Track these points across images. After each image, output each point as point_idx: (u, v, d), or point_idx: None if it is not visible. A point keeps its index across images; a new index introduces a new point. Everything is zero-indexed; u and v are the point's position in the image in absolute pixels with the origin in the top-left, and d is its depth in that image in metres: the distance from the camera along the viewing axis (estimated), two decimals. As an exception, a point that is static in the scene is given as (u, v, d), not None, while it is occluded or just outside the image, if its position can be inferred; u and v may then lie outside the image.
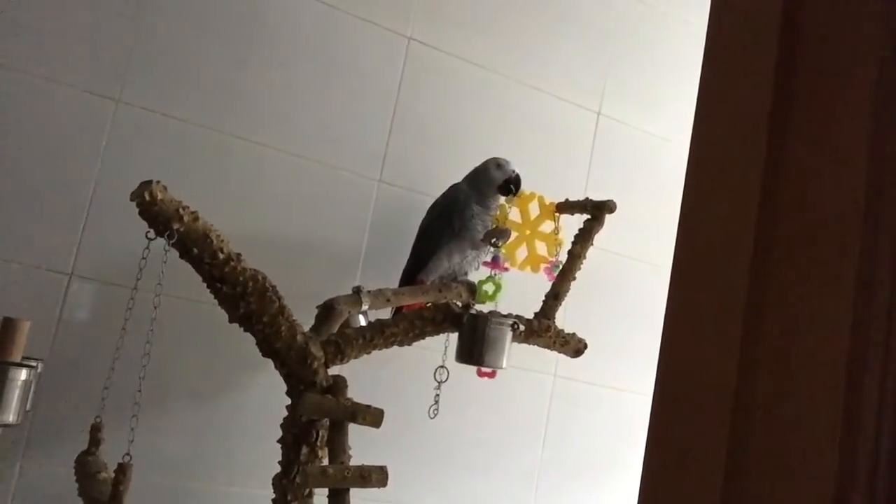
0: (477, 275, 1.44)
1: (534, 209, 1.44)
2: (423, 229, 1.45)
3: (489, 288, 1.38)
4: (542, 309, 1.30)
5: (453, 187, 1.44)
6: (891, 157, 0.38)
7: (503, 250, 1.41)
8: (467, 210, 1.39)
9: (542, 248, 1.45)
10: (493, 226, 1.41)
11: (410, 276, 1.43)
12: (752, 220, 0.41)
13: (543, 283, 1.34)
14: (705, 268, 0.44)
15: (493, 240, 1.39)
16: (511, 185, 1.40)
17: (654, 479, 0.43)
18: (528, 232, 1.43)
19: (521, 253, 1.44)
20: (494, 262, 1.40)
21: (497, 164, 1.41)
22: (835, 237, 0.38)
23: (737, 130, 0.44)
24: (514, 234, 1.42)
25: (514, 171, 1.40)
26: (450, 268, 1.42)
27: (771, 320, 0.40)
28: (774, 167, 0.42)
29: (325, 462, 1.05)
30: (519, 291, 1.40)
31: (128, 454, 0.95)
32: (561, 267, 1.37)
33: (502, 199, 1.43)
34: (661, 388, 0.44)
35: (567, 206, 1.43)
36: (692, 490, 0.40)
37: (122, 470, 0.94)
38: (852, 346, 0.36)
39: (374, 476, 1.01)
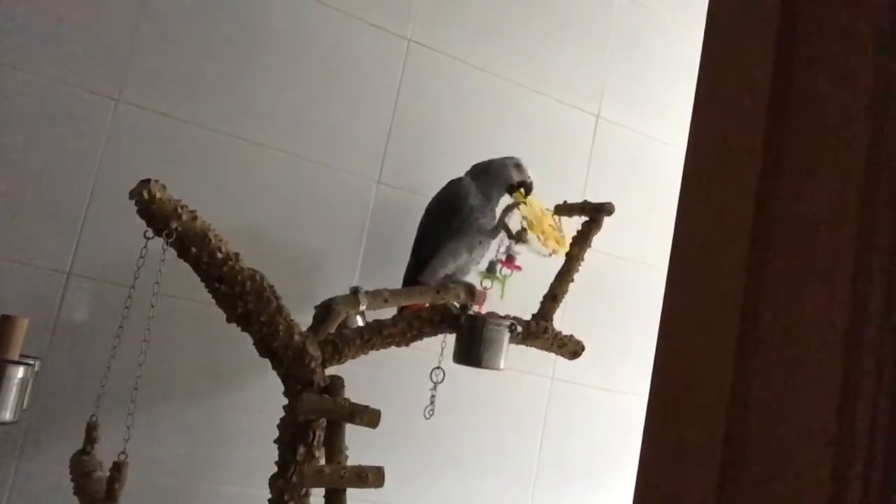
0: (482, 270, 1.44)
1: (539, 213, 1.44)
2: (423, 229, 1.45)
3: (497, 286, 1.38)
4: (540, 311, 1.30)
5: (452, 183, 1.43)
6: (887, 157, 0.38)
7: (518, 248, 1.41)
8: (465, 207, 1.38)
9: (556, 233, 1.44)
10: (493, 218, 1.40)
11: (411, 278, 1.43)
12: (749, 219, 0.41)
13: (542, 285, 1.35)
14: (702, 265, 0.44)
15: (517, 239, 1.40)
16: (523, 189, 1.40)
17: (650, 474, 0.43)
18: (541, 216, 1.42)
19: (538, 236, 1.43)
20: (509, 261, 1.40)
21: (516, 163, 1.41)
22: (831, 236, 0.39)
23: (733, 130, 0.44)
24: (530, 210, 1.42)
25: (530, 178, 1.41)
26: (451, 268, 1.41)
27: (767, 317, 0.40)
28: (771, 167, 0.42)
29: (322, 462, 1.05)
30: (517, 292, 1.40)
31: (123, 453, 0.95)
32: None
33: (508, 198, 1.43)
34: (657, 383, 0.45)
35: (565, 209, 1.43)
36: (688, 484, 0.41)
37: (118, 468, 0.94)
38: (848, 343, 0.37)
39: (371, 476, 1.01)
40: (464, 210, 1.38)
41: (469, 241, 1.39)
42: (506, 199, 1.44)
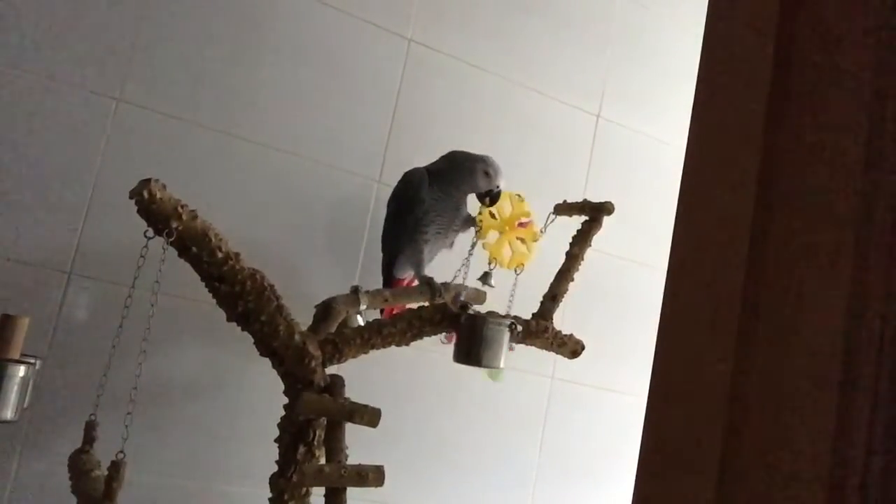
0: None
1: (506, 207, 1.43)
2: (385, 224, 1.42)
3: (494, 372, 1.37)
4: (540, 310, 1.30)
5: (405, 175, 1.38)
6: (888, 156, 0.38)
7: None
8: (417, 206, 1.33)
9: (522, 247, 1.44)
10: (455, 209, 1.38)
11: (386, 274, 1.42)
12: (748, 219, 0.41)
13: (542, 285, 1.34)
14: (702, 265, 0.44)
15: (483, 281, 1.40)
16: (489, 199, 1.35)
17: (649, 474, 0.43)
18: (507, 229, 1.42)
19: (507, 252, 1.44)
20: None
21: (486, 171, 1.33)
22: (830, 235, 0.39)
23: (733, 130, 0.45)
24: (494, 235, 1.42)
25: (497, 187, 1.34)
26: (422, 264, 1.38)
27: (766, 317, 0.40)
28: (770, 166, 0.42)
29: (322, 461, 1.05)
30: (518, 292, 1.40)
31: (121, 452, 0.95)
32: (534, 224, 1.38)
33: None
34: (657, 383, 0.45)
35: (565, 208, 1.43)
36: (687, 484, 0.41)
37: (116, 467, 0.94)
38: (847, 344, 0.37)
39: (371, 475, 1.01)
40: (416, 210, 1.33)
41: (427, 238, 1.36)
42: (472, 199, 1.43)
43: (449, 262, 1.44)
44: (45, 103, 1.27)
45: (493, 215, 1.39)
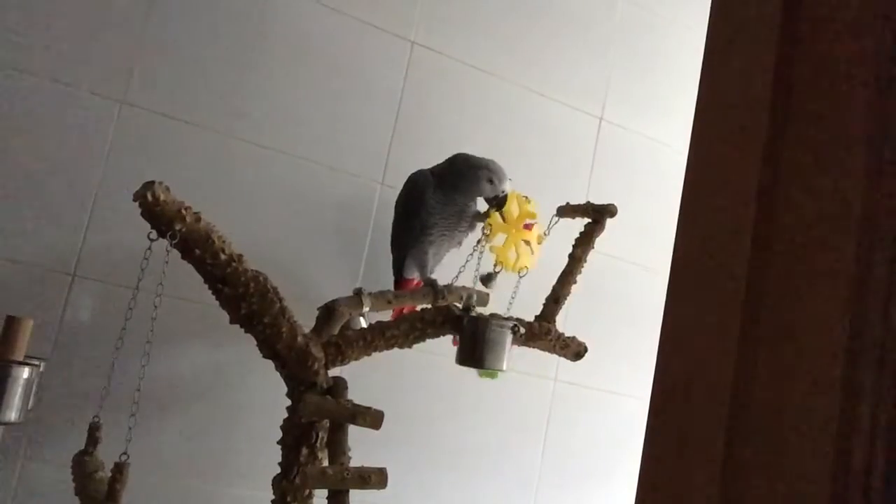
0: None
1: (514, 209, 1.43)
2: (392, 226, 1.43)
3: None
4: (543, 312, 1.30)
5: (410, 177, 1.38)
6: (888, 157, 0.38)
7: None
8: (422, 209, 1.33)
9: (528, 248, 1.44)
10: (458, 213, 1.38)
11: (396, 275, 1.43)
12: (750, 221, 0.41)
13: (545, 287, 1.35)
14: (703, 266, 0.44)
15: (485, 282, 1.40)
16: (495, 204, 1.35)
17: (652, 474, 0.43)
18: (513, 231, 1.42)
19: (513, 255, 1.43)
20: None
21: (490, 178, 1.32)
22: (831, 236, 0.39)
23: (735, 132, 0.45)
24: (502, 237, 1.41)
25: (503, 192, 1.33)
26: (426, 265, 1.39)
27: (767, 317, 0.40)
28: (772, 168, 0.42)
29: (325, 463, 1.05)
30: (519, 294, 1.40)
31: (125, 453, 0.95)
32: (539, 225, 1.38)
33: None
34: (659, 383, 0.45)
35: (568, 210, 1.43)
36: (690, 484, 0.41)
37: (119, 469, 0.95)
38: (848, 342, 0.37)
39: (374, 478, 1.01)
40: (420, 212, 1.34)
41: (432, 240, 1.37)
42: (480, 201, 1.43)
43: (459, 263, 1.44)
44: (48, 105, 1.27)
45: (503, 217, 1.39)
